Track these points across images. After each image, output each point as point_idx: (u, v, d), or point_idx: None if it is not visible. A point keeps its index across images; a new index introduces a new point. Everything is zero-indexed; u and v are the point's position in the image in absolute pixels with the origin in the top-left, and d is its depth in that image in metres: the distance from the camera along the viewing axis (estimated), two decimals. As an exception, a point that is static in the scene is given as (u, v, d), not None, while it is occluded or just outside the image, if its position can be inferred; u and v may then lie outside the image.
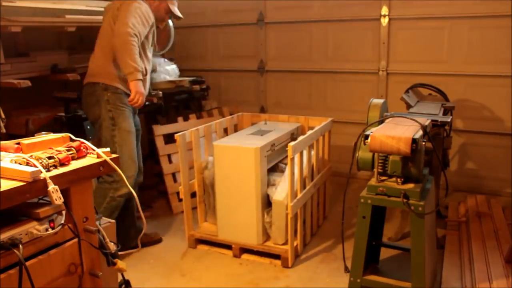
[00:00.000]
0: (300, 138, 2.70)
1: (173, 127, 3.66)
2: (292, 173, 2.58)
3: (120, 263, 1.53)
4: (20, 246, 1.19)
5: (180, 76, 3.92)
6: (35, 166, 1.28)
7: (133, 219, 2.91)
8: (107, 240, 1.50)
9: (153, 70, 3.52)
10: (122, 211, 2.78)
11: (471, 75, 3.71)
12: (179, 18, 3.01)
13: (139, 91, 2.63)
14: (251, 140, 2.83)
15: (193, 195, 2.97)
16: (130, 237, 2.79)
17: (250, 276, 2.64)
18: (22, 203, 1.25)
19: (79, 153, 1.46)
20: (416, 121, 2.11)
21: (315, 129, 2.95)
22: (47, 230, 1.29)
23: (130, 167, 2.67)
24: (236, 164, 2.64)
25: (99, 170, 1.45)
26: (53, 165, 1.34)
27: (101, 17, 3.98)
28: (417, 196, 1.99)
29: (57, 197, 1.26)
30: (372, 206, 2.10)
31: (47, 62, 3.68)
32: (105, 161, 1.45)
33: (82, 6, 3.94)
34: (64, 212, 1.36)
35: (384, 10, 3.90)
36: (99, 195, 2.64)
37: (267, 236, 2.83)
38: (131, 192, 2.45)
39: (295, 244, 2.76)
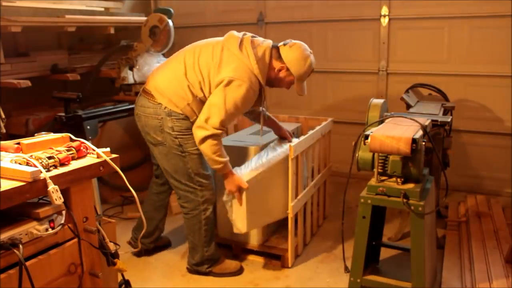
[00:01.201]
0: (302, 138, 2.70)
1: (173, 127, 3.66)
2: (294, 173, 2.58)
3: (120, 263, 1.53)
4: (20, 246, 1.19)
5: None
6: (35, 166, 1.29)
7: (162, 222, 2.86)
8: (107, 240, 1.50)
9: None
10: (155, 213, 2.77)
11: (471, 75, 3.70)
12: (301, 94, 2.57)
13: (231, 189, 2.39)
14: (251, 140, 2.83)
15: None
16: (154, 238, 2.84)
17: (250, 276, 2.64)
18: (22, 203, 1.25)
19: (79, 153, 1.46)
20: (416, 121, 2.11)
21: (316, 129, 2.95)
22: (47, 230, 1.29)
23: (208, 186, 2.47)
24: (236, 164, 2.63)
25: (99, 170, 1.45)
26: (53, 165, 1.34)
27: (101, 17, 4.02)
28: (417, 196, 1.99)
29: (57, 197, 1.26)
30: (372, 206, 2.10)
31: (47, 62, 3.69)
32: (105, 161, 1.45)
33: (82, 6, 3.94)
34: (64, 212, 1.36)
35: (384, 10, 3.90)
36: (191, 228, 2.53)
37: (267, 236, 2.83)
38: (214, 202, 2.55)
39: (295, 244, 2.76)
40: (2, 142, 1.45)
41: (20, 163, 1.30)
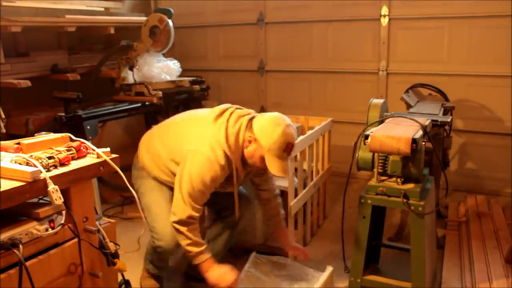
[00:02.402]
0: (300, 138, 2.70)
1: (173, 127, 3.66)
2: (292, 173, 2.58)
3: (120, 263, 1.53)
4: (20, 246, 1.19)
5: (180, 76, 3.92)
6: (35, 166, 1.28)
7: None
8: (107, 240, 1.50)
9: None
10: None
11: (471, 75, 3.70)
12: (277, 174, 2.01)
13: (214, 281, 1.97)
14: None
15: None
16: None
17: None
18: (22, 203, 1.25)
19: (79, 153, 1.46)
20: (416, 121, 2.11)
21: (315, 129, 2.94)
22: (47, 230, 1.29)
23: (158, 232, 2.07)
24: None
25: (99, 170, 1.45)
26: (53, 165, 1.34)
27: (100, 17, 4.02)
28: (417, 196, 1.99)
29: (57, 197, 1.26)
30: (372, 206, 2.10)
31: (47, 62, 3.69)
32: (105, 161, 1.45)
33: (82, 6, 3.95)
34: (64, 212, 1.36)
35: (384, 10, 3.90)
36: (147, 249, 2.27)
37: (267, 236, 2.83)
38: (176, 246, 2.05)
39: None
40: (2, 142, 1.45)
41: (20, 163, 1.30)
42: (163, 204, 2.11)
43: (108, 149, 1.49)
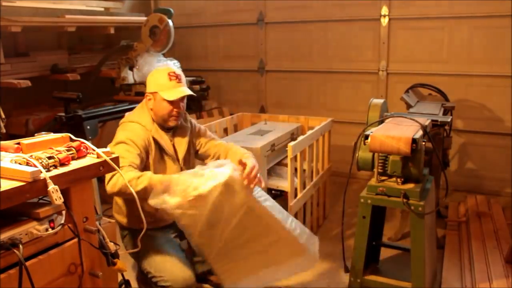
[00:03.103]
0: (300, 138, 2.70)
1: (173, 127, 3.67)
2: (292, 173, 2.58)
3: (120, 263, 1.53)
4: (20, 246, 1.19)
5: (180, 76, 3.92)
6: (35, 166, 1.28)
7: None
8: (107, 240, 1.50)
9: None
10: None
11: (471, 75, 3.70)
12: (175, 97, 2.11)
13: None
14: (251, 140, 2.83)
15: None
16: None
17: (250, 276, 2.64)
18: (22, 203, 1.25)
19: (79, 153, 1.46)
20: (416, 121, 2.11)
21: (315, 129, 2.95)
22: (47, 230, 1.29)
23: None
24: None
25: (99, 170, 1.44)
26: (53, 165, 1.34)
27: (100, 17, 4.02)
28: (417, 196, 1.99)
29: (57, 197, 1.26)
30: (372, 206, 2.10)
31: (47, 62, 3.70)
32: (105, 161, 1.45)
33: (82, 6, 3.95)
34: (64, 212, 1.35)
35: (384, 10, 3.90)
36: None
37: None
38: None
39: (295, 244, 2.76)
40: (2, 142, 1.45)
41: (20, 163, 1.30)
42: (165, 252, 2.05)
43: (108, 149, 1.48)
